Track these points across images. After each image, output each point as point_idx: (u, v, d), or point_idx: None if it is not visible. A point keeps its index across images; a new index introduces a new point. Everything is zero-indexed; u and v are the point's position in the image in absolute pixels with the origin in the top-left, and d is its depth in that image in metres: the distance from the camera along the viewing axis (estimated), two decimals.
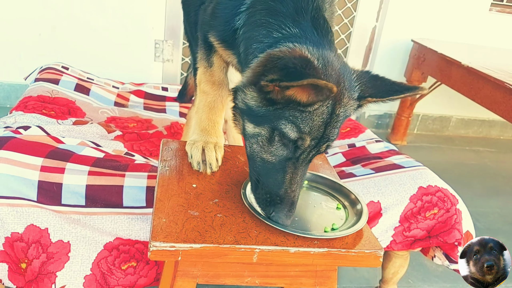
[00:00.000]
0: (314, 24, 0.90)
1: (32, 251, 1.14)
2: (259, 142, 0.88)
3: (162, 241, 0.79)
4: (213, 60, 1.15)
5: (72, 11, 2.72)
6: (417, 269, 1.92)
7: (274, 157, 0.87)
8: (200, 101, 1.18)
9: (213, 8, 1.06)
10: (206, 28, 1.11)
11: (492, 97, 2.37)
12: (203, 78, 1.18)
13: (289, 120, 0.82)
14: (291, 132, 0.83)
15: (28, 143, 1.28)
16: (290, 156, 0.86)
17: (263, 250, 0.83)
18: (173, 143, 1.19)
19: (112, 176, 1.25)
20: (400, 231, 1.39)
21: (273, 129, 0.85)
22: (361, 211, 0.97)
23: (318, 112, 0.82)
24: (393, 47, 3.28)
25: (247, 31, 0.96)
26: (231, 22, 1.00)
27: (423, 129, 3.65)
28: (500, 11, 3.38)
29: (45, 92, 1.81)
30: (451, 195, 1.43)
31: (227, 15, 1.01)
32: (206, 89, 1.18)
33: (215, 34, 1.07)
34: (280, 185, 0.86)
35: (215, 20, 1.05)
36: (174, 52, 3.00)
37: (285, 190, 0.86)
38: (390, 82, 0.91)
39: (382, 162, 1.56)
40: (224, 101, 1.19)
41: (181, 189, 0.96)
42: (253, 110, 0.85)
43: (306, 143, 0.84)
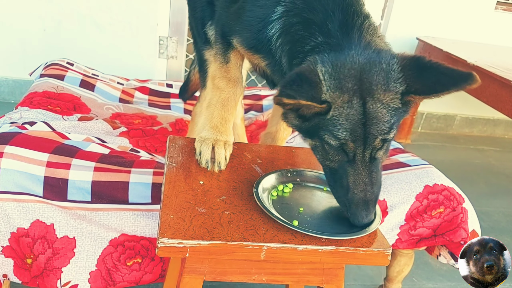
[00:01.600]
0: (341, 25, 0.90)
1: (38, 247, 1.14)
2: (318, 152, 0.93)
3: (170, 237, 0.78)
4: (230, 56, 1.14)
5: (77, 7, 2.72)
6: (421, 267, 1.91)
7: (333, 163, 0.91)
8: (213, 97, 1.17)
9: (239, 13, 1.04)
10: (227, 30, 1.09)
11: (498, 96, 2.36)
12: (218, 73, 1.17)
13: (324, 130, 0.87)
14: (330, 140, 0.87)
15: (34, 138, 1.28)
16: (346, 159, 0.88)
17: (271, 248, 0.83)
18: (180, 139, 1.18)
19: (118, 172, 1.25)
20: (406, 230, 1.39)
21: (320, 140, 0.89)
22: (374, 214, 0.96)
23: (345, 116, 0.84)
24: (398, 45, 3.26)
25: (286, 44, 0.96)
26: (264, 31, 0.99)
27: (427, 128, 3.64)
28: (506, 10, 3.36)
29: (50, 88, 1.81)
30: (457, 193, 1.42)
31: (258, 24, 1.00)
32: (220, 85, 1.16)
33: (241, 40, 1.06)
34: (347, 189, 0.89)
35: (242, 26, 1.04)
36: (179, 49, 2.99)
37: (353, 192, 0.88)
38: (439, 70, 0.82)
39: (388, 160, 1.55)
40: (237, 99, 1.18)
41: (188, 186, 0.96)
42: (299, 128, 0.92)
43: (351, 146, 0.86)
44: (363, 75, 0.84)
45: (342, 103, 0.83)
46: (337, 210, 0.97)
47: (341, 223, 0.93)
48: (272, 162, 1.15)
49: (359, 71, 0.84)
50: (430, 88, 0.83)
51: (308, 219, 0.92)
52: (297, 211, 0.95)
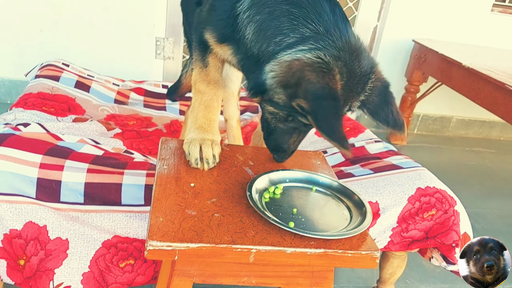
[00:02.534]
0: (334, 17, 0.93)
1: (31, 248, 1.15)
2: (276, 117, 1.03)
3: (159, 240, 0.79)
4: (208, 60, 1.16)
5: (74, 8, 2.72)
6: (414, 269, 1.92)
7: (285, 126, 1.04)
8: (195, 100, 1.19)
9: (210, 4, 1.07)
10: (201, 26, 1.11)
11: (493, 98, 2.37)
12: (199, 78, 1.19)
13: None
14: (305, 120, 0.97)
15: (28, 140, 1.28)
16: (297, 126, 1.03)
17: (259, 250, 0.83)
18: (172, 141, 1.19)
19: (111, 174, 1.25)
20: (398, 232, 1.40)
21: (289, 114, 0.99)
22: (365, 213, 0.97)
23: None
24: (394, 47, 3.27)
25: (257, 15, 0.97)
26: (232, 9, 1.00)
27: (423, 130, 3.65)
28: (502, 12, 3.37)
29: (45, 89, 1.81)
30: (449, 196, 1.43)
31: (226, 5, 1.02)
32: (201, 88, 1.18)
33: (211, 28, 1.07)
34: (287, 140, 1.08)
35: (212, 14, 1.06)
36: (175, 50, 3.00)
37: (289, 144, 1.08)
38: (390, 110, 0.98)
39: (381, 163, 1.56)
40: (220, 100, 1.21)
41: (179, 188, 0.96)
42: (276, 104, 0.98)
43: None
44: (358, 84, 0.95)
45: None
46: (330, 211, 0.99)
47: (334, 224, 0.94)
48: (264, 164, 1.15)
49: (358, 79, 0.94)
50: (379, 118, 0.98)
51: (302, 220, 0.93)
52: (291, 212, 0.95)
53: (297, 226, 0.89)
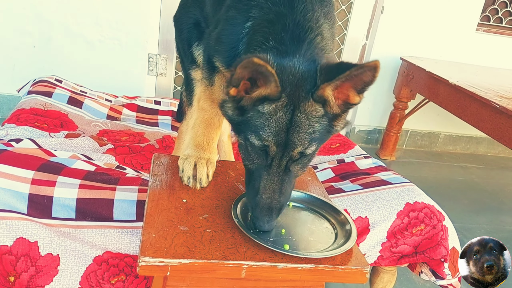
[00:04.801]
0: (293, 36, 0.94)
1: (21, 264, 1.14)
2: (241, 149, 0.95)
3: (151, 256, 0.80)
4: (214, 79, 1.18)
5: (67, 24, 2.75)
6: (405, 284, 1.93)
7: (252, 164, 0.94)
8: (197, 117, 1.21)
9: (218, 34, 1.09)
10: (211, 52, 1.14)
11: (479, 115, 2.42)
12: (203, 95, 1.21)
13: (252, 130, 0.89)
14: (255, 140, 0.89)
15: (20, 155, 1.29)
16: (264, 163, 0.92)
17: (251, 266, 0.84)
18: (165, 157, 1.20)
19: (103, 189, 1.26)
20: (388, 247, 1.41)
21: (244, 138, 0.92)
22: (350, 232, 0.98)
23: (276, 118, 0.87)
24: (383, 64, 3.26)
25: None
26: (236, 47, 1.03)
27: (412, 145, 3.71)
28: (487, 31, 3.48)
29: (37, 104, 1.82)
30: (437, 211, 1.45)
31: (232, 41, 1.04)
32: (205, 106, 1.21)
33: (220, 59, 1.10)
34: (256, 192, 0.92)
35: (220, 46, 1.08)
36: (168, 66, 3.03)
37: (261, 196, 0.91)
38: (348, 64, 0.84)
39: (370, 178, 1.59)
40: (221, 119, 1.22)
41: (171, 204, 0.97)
42: (233, 120, 0.93)
43: (273, 150, 0.89)
44: (299, 82, 0.87)
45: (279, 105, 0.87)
46: (319, 230, 1.00)
47: (323, 242, 0.95)
48: None
49: (296, 78, 0.87)
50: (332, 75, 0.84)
51: (293, 239, 0.94)
52: (280, 233, 0.96)
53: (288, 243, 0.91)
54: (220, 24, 1.10)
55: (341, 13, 3.25)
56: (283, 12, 0.97)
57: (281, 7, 0.97)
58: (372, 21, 3.29)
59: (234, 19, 1.05)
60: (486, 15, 3.49)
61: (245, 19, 1.02)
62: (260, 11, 1.00)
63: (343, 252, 0.90)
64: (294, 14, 0.96)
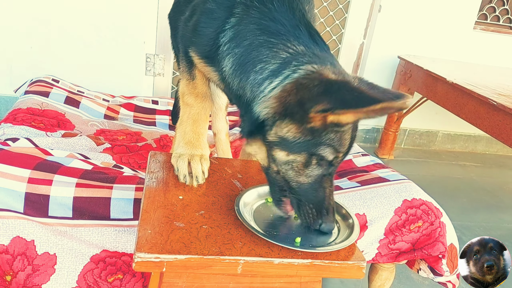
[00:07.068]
0: (312, 37, 0.94)
1: (18, 264, 1.14)
2: (294, 167, 0.90)
3: (146, 252, 0.80)
4: (195, 73, 1.16)
5: (64, 24, 2.74)
6: (403, 282, 1.93)
7: (310, 178, 0.91)
8: (183, 114, 1.20)
9: (195, 25, 1.07)
10: (187, 43, 1.12)
11: (476, 113, 2.42)
12: (186, 90, 1.19)
13: (326, 144, 0.86)
14: (329, 155, 0.88)
15: (16, 155, 1.28)
16: (325, 173, 0.92)
17: (247, 261, 0.84)
18: (161, 155, 1.20)
19: (100, 188, 1.26)
20: (385, 244, 1.41)
21: (311, 154, 0.87)
22: (352, 225, 0.98)
23: (348, 129, 0.88)
24: (380, 64, 3.35)
25: (236, 47, 0.97)
26: (215, 39, 1.01)
27: (410, 144, 3.71)
28: (484, 29, 3.49)
29: (34, 104, 1.81)
30: (435, 208, 1.45)
31: (211, 33, 1.02)
32: (189, 101, 1.19)
33: (196, 50, 1.08)
34: (323, 200, 0.92)
35: (197, 37, 1.06)
36: (165, 66, 3.03)
37: (328, 203, 0.93)
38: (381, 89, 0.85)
39: (368, 175, 1.59)
40: (208, 113, 1.21)
41: (167, 201, 0.97)
42: (289, 141, 0.87)
43: (339, 159, 0.91)
44: None
45: None
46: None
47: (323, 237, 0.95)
48: (252, 177, 1.17)
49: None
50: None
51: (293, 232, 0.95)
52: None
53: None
54: (196, 15, 1.07)
55: (339, 12, 3.25)
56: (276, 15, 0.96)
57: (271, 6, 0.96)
58: (370, 20, 3.30)
59: (213, 12, 1.02)
60: (484, 14, 3.50)
61: (229, 14, 0.99)
62: (247, 11, 0.97)
63: (341, 248, 0.90)
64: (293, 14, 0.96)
